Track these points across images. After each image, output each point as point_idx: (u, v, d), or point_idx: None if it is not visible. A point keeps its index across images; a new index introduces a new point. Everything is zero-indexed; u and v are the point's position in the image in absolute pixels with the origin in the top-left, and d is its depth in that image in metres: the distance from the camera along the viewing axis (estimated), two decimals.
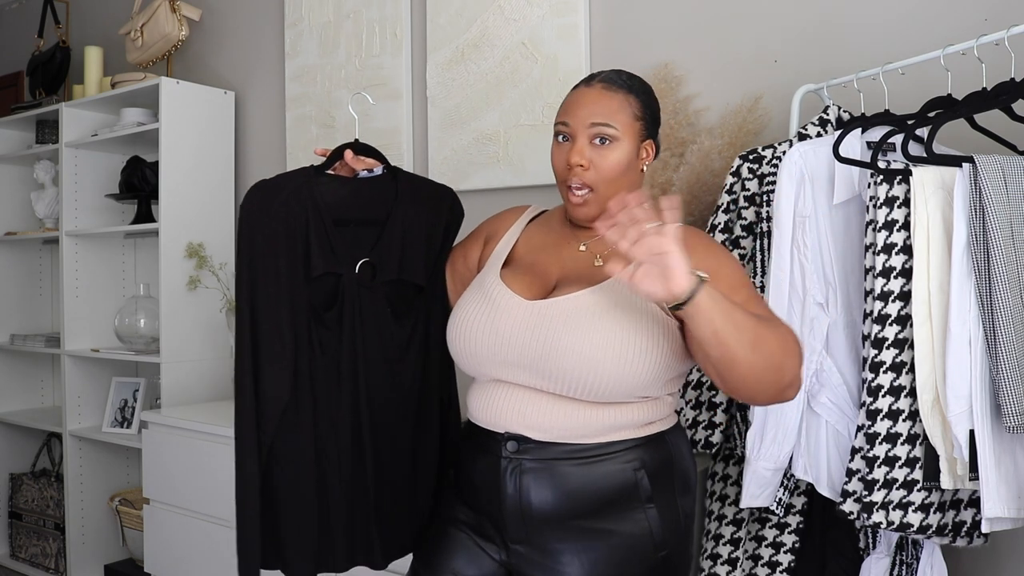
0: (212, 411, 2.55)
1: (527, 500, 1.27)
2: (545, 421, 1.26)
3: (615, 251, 1.20)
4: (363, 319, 1.42)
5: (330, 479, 1.41)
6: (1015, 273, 1.26)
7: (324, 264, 1.39)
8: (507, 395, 1.30)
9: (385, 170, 1.49)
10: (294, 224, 1.38)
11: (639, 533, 1.26)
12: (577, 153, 1.31)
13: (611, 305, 1.25)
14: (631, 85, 1.34)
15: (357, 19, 2.64)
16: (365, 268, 1.42)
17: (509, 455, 1.28)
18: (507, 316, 1.29)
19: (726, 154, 1.85)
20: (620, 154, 1.31)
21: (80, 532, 3.09)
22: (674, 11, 2.06)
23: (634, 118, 1.32)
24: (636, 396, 1.26)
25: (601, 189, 1.32)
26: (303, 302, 1.39)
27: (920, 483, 1.35)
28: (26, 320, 3.49)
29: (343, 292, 1.41)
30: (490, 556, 1.32)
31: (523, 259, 1.41)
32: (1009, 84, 1.36)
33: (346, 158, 1.45)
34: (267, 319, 1.37)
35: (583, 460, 1.26)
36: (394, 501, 1.45)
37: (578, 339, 1.23)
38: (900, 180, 1.36)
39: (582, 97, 1.33)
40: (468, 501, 1.36)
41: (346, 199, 1.43)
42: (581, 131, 1.31)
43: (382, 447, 1.44)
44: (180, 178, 2.80)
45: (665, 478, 1.29)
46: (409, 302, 1.47)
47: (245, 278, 1.37)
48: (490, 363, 1.30)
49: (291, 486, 1.39)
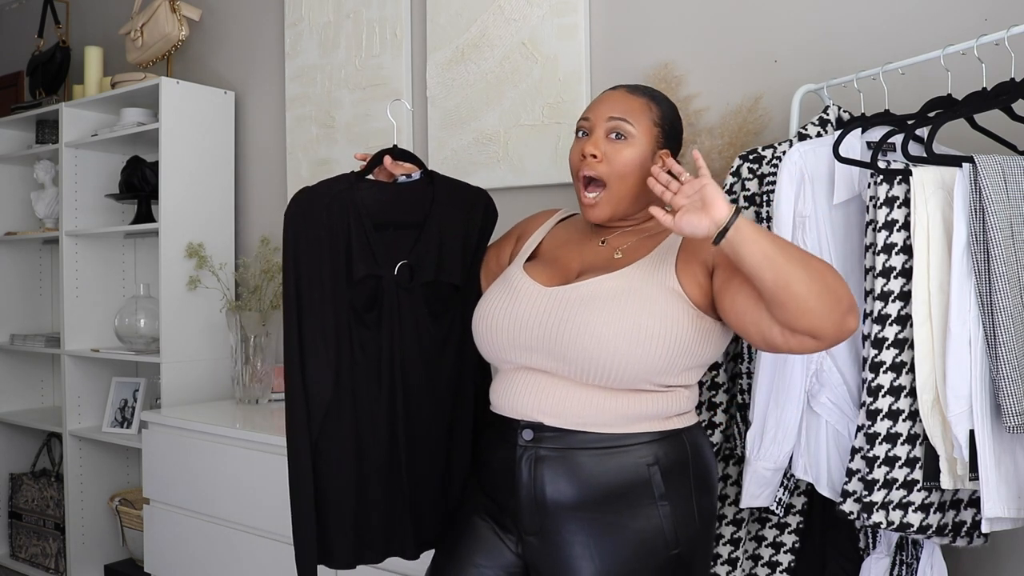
0: (212, 411, 2.55)
1: (541, 489, 1.28)
2: (561, 407, 1.28)
3: (631, 248, 1.30)
4: (402, 320, 1.47)
5: (369, 475, 1.46)
6: (1015, 273, 1.25)
7: (365, 267, 1.44)
8: (525, 381, 1.32)
9: (423, 174, 1.54)
10: (337, 229, 1.43)
11: (651, 529, 1.27)
12: (592, 144, 1.35)
13: (628, 290, 1.27)
14: (654, 95, 1.40)
15: (357, 19, 2.64)
16: (403, 270, 1.47)
17: (525, 443, 1.30)
18: (526, 301, 1.32)
19: (726, 154, 1.85)
20: (634, 152, 1.34)
21: (80, 532, 3.09)
22: (674, 11, 2.06)
23: (653, 123, 1.37)
24: (651, 382, 1.27)
25: (613, 185, 1.35)
26: (345, 304, 1.44)
27: (920, 483, 1.35)
28: (26, 320, 3.49)
29: (383, 294, 1.46)
30: (509, 548, 1.34)
31: (547, 254, 1.45)
32: (1009, 84, 1.36)
33: (385, 163, 1.50)
34: (312, 321, 1.42)
35: (598, 451, 1.27)
36: (428, 495, 1.50)
37: (593, 320, 1.25)
38: (900, 180, 1.36)
39: (606, 96, 1.40)
40: (488, 491, 1.38)
41: (385, 204, 1.48)
42: (600, 124, 1.36)
43: (418, 444, 1.49)
44: (180, 178, 2.80)
45: (680, 476, 1.30)
46: (446, 302, 1.52)
47: (291, 282, 1.42)
48: (509, 348, 1.33)
49: (333, 481, 1.44)
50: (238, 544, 2.21)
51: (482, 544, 1.36)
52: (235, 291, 2.86)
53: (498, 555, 1.34)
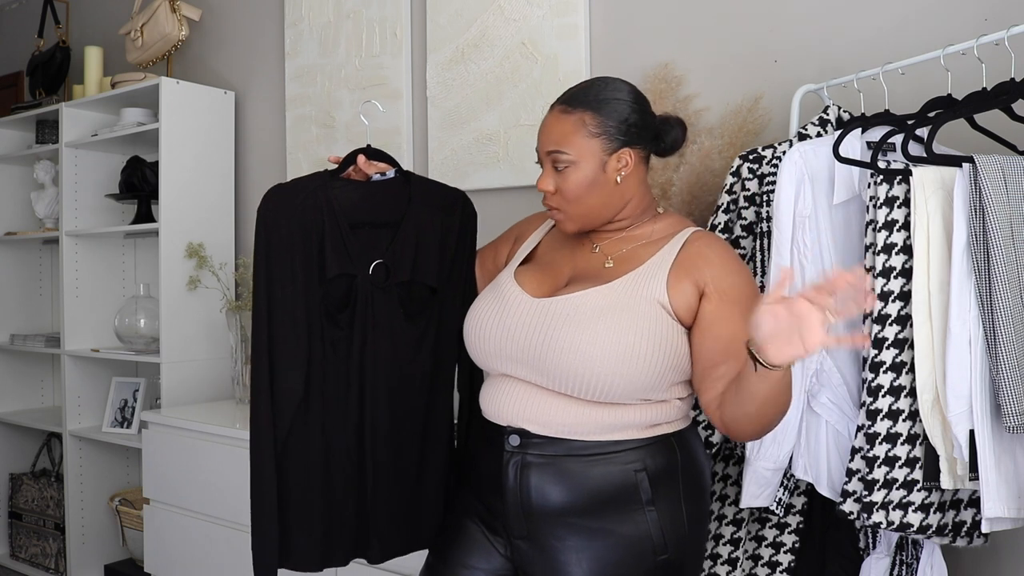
0: (212, 411, 2.55)
1: (527, 494, 1.28)
2: (546, 416, 1.28)
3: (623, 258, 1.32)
4: (376, 320, 1.45)
5: (335, 476, 1.44)
6: (1015, 273, 1.25)
7: (338, 266, 1.43)
8: (511, 390, 1.32)
9: (397, 172, 1.52)
10: (310, 227, 1.42)
11: (638, 535, 1.26)
12: (542, 181, 1.35)
13: (615, 306, 1.26)
14: (588, 100, 1.33)
15: (357, 19, 2.64)
16: (379, 269, 1.45)
17: (512, 448, 1.30)
18: (514, 312, 1.32)
19: (726, 154, 1.84)
20: (579, 176, 1.32)
21: (80, 532, 3.09)
22: (674, 11, 2.06)
23: (589, 136, 1.31)
24: (637, 398, 1.26)
25: (570, 208, 1.34)
26: (317, 302, 1.42)
27: (920, 483, 1.35)
28: (26, 320, 3.49)
29: (356, 293, 1.44)
30: (498, 551, 1.34)
31: (541, 259, 1.45)
32: (1009, 84, 1.36)
33: (359, 163, 1.48)
34: (282, 319, 1.41)
35: (585, 457, 1.27)
36: (396, 500, 1.47)
37: (578, 337, 1.24)
38: (900, 180, 1.36)
39: (544, 124, 1.37)
40: (478, 494, 1.38)
41: (360, 202, 1.47)
42: (544, 158, 1.36)
43: (388, 446, 1.46)
44: (180, 178, 2.80)
45: (668, 481, 1.29)
46: (422, 304, 1.50)
47: (262, 279, 1.41)
48: (497, 358, 1.33)
49: (299, 481, 1.42)
50: (238, 544, 2.21)
51: (473, 547, 1.36)
52: (235, 291, 2.86)
53: (488, 558, 1.35)
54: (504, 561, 1.34)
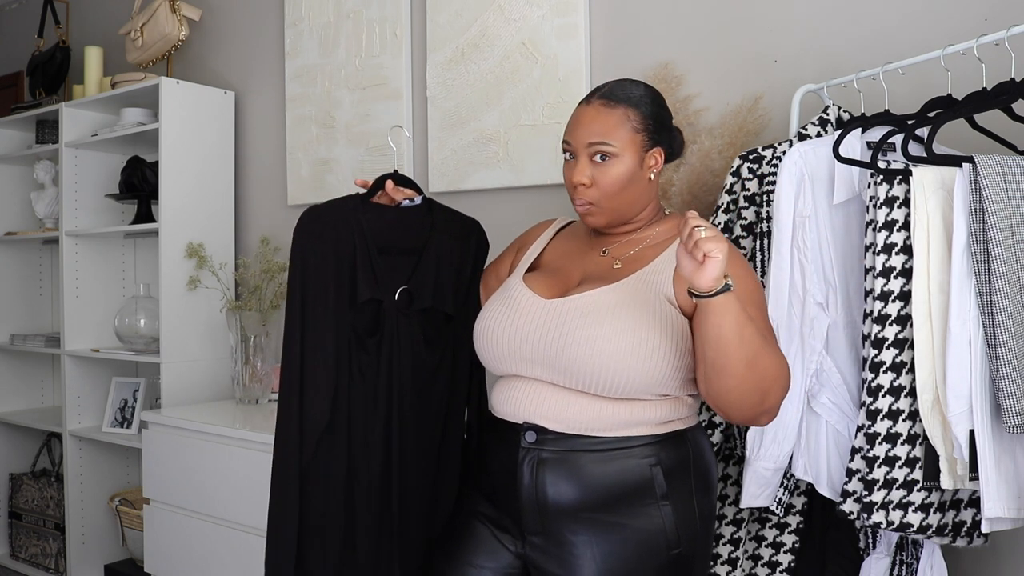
0: (212, 411, 2.55)
1: (543, 490, 1.29)
2: (562, 413, 1.29)
3: (631, 259, 1.32)
4: (400, 345, 1.46)
5: (359, 501, 1.44)
6: (1015, 273, 1.25)
7: (369, 290, 1.43)
8: (526, 388, 1.33)
9: (423, 200, 1.54)
10: (343, 250, 1.43)
11: (653, 529, 1.27)
12: (579, 172, 1.34)
13: (627, 303, 1.27)
14: (631, 97, 1.35)
15: (357, 19, 2.64)
16: (403, 295, 1.47)
17: (528, 445, 1.31)
18: (526, 314, 1.33)
19: (726, 154, 1.85)
20: (621, 169, 1.33)
21: (80, 532, 3.09)
22: (674, 11, 2.06)
23: (634, 131, 1.34)
24: (652, 393, 1.27)
25: (604, 203, 1.35)
26: (347, 326, 1.43)
27: (920, 483, 1.35)
28: (26, 320, 3.49)
29: (384, 318, 1.45)
30: (507, 548, 1.35)
31: (548, 264, 1.45)
32: (1009, 84, 1.36)
33: (387, 188, 1.50)
34: (314, 343, 1.41)
35: (600, 453, 1.28)
36: (416, 523, 1.48)
37: (592, 335, 1.25)
38: (900, 180, 1.36)
39: (582, 116, 1.36)
40: (487, 494, 1.38)
41: (388, 228, 1.48)
42: (581, 150, 1.35)
43: (410, 471, 1.46)
44: (180, 178, 2.80)
45: (682, 476, 1.30)
46: (439, 330, 1.51)
47: (296, 298, 1.41)
48: (510, 360, 1.34)
49: (321, 505, 1.42)
50: (238, 544, 2.21)
51: (480, 545, 1.36)
52: (235, 291, 2.87)
53: (496, 556, 1.35)
54: (513, 558, 1.34)
